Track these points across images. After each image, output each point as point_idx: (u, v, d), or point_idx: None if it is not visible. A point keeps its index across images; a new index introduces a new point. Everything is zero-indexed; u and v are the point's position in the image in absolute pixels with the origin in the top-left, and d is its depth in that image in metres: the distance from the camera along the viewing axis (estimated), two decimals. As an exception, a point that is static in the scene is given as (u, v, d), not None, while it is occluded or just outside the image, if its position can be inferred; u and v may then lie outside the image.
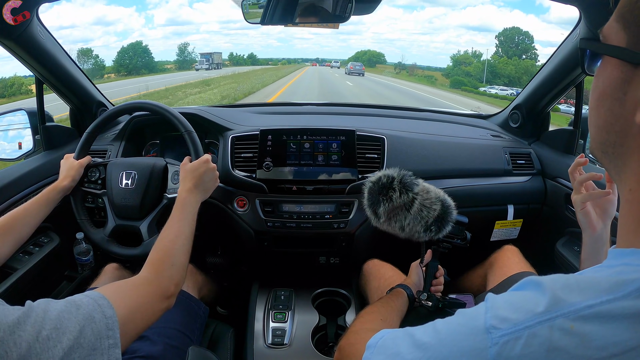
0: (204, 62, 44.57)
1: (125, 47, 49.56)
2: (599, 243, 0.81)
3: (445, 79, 43.13)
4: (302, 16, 1.05)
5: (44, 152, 1.37)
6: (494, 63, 36.01)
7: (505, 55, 38.34)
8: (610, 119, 0.41)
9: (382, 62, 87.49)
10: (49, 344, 0.47)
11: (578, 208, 0.82)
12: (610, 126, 0.41)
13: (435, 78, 43.93)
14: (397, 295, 0.91)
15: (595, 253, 0.82)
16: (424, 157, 1.34)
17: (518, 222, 1.39)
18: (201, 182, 0.98)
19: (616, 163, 0.42)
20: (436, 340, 0.40)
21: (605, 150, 0.42)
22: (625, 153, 0.40)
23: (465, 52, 47.66)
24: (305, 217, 1.25)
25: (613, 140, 0.41)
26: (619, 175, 0.42)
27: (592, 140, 0.45)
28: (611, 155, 0.42)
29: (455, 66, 45.84)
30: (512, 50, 38.03)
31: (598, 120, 0.43)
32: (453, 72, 43.72)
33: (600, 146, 0.43)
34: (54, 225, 1.32)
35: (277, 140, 1.26)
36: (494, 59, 39.61)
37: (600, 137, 0.42)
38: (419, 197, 0.87)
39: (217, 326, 1.14)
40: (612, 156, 0.42)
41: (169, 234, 0.83)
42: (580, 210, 0.82)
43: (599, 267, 0.39)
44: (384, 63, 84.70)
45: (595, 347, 0.32)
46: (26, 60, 1.18)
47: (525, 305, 0.36)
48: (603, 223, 0.81)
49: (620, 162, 0.41)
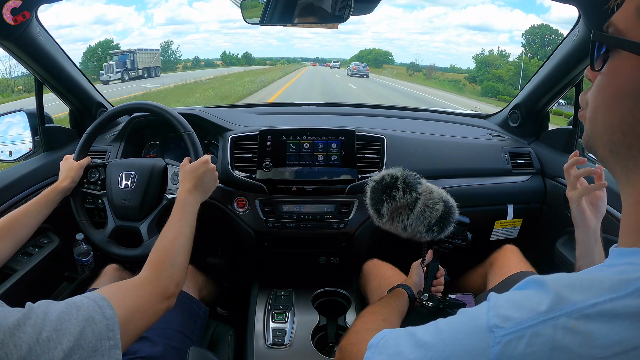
0: (114, 67, 22.89)
1: (93, 47, 36.34)
2: (592, 240, 0.84)
3: (470, 83, 35.84)
4: (301, 16, 1.05)
5: (44, 153, 1.37)
6: (525, 66, 32.58)
7: (536, 56, 33.19)
8: (629, 120, 0.38)
9: (390, 61, 76.38)
10: (50, 346, 0.47)
11: (574, 204, 0.85)
12: (629, 127, 0.38)
13: (463, 83, 36.48)
14: (398, 295, 0.91)
15: (589, 250, 0.84)
16: (423, 157, 1.34)
17: (518, 222, 1.39)
18: (201, 182, 0.98)
19: (626, 164, 0.40)
20: (438, 339, 0.40)
21: (616, 150, 0.41)
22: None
23: (490, 52, 40.99)
24: (305, 218, 1.25)
25: (629, 142, 0.39)
26: (626, 175, 0.41)
27: (597, 137, 0.43)
28: (622, 155, 0.40)
29: (480, 68, 39.04)
30: (542, 50, 33.07)
31: (611, 120, 0.40)
32: (480, 76, 37.28)
33: (608, 145, 0.41)
34: (54, 226, 1.32)
35: (276, 141, 1.26)
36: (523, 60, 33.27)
37: (612, 137, 0.40)
38: (422, 198, 0.87)
39: (217, 327, 1.14)
40: (623, 156, 0.40)
41: (168, 235, 0.83)
42: (577, 207, 0.84)
43: (602, 266, 0.39)
44: (391, 63, 74.19)
45: (599, 346, 0.32)
46: (25, 61, 1.18)
47: (528, 304, 0.36)
48: (596, 220, 0.84)
49: (632, 163, 0.39)
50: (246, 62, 75.27)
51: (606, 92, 0.41)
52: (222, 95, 14.77)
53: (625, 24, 0.39)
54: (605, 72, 0.41)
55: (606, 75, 0.41)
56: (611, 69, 0.41)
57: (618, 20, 0.40)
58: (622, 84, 0.39)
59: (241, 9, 1.10)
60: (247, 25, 1.12)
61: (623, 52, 0.39)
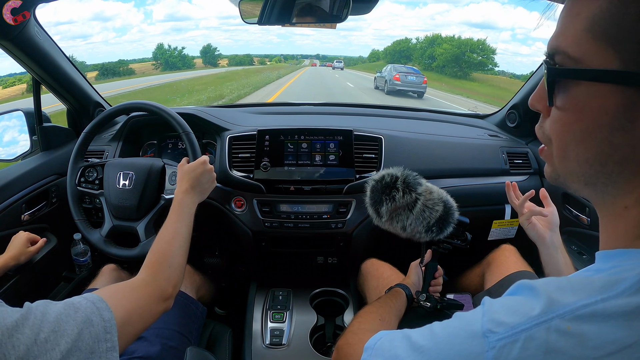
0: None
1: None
2: (552, 248, 0.93)
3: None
4: (299, 16, 1.05)
5: (41, 152, 1.37)
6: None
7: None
8: (607, 151, 0.36)
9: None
10: (47, 347, 0.47)
11: (526, 225, 0.97)
12: (608, 157, 0.36)
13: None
14: (396, 295, 0.91)
15: (552, 257, 0.93)
16: (421, 156, 1.34)
17: (515, 222, 1.40)
18: (198, 183, 0.97)
19: (603, 190, 0.38)
20: (433, 343, 0.40)
21: (593, 182, 0.38)
22: (621, 181, 0.37)
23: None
24: (303, 217, 1.25)
25: (609, 170, 0.37)
26: (602, 199, 0.39)
27: (569, 175, 0.40)
28: (600, 184, 0.38)
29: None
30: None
31: (586, 154, 0.37)
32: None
33: (583, 179, 0.39)
34: (51, 226, 1.32)
35: (274, 141, 1.26)
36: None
37: (588, 170, 0.38)
38: (422, 198, 0.87)
39: (215, 327, 1.14)
40: (601, 185, 0.38)
41: (165, 236, 0.83)
42: (528, 224, 0.96)
43: (589, 269, 0.39)
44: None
45: (593, 347, 0.32)
46: (23, 60, 1.18)
47: (520, 309, 0.36)
48: (551, 231, 0.95)
49: (611, 188, 0.38)
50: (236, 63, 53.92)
51: (575, 128, 0.37)
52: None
53: (581, 51, 0.35)
54: (568, 107, 0.37)
55: (571, 112, 0.37)
56: (576, 105, 0.37)
57: (567, 45, 0.37)
58: (594, 117, 0.36)
59: (239, 9, 1.10)
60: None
61: (583, 82, 0.36)
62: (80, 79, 1.42)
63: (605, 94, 0.34)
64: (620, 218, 0.39)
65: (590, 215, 1.18)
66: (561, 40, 0.37)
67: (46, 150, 1.38)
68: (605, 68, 0.34)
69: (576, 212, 1.24)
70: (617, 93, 0.34)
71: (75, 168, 1.17)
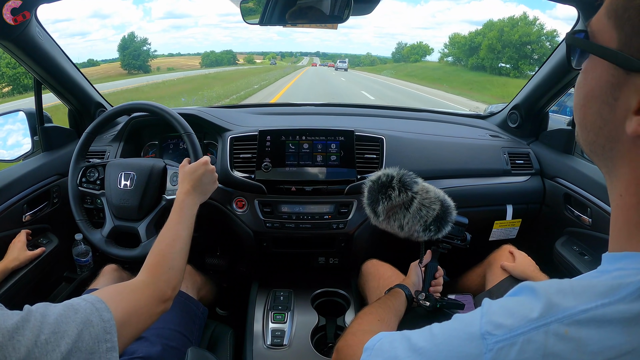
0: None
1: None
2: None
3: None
4: (300, 17, 1.05)
5: (43, 153, 1.37)
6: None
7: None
8: (598, 122, 0.39)
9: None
10: (48, 348, 0.47)
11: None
12: (599, 129, 0.39)
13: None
14: (395, 295, 0.91)
15: None
16: (422, 157, 1.34)
17: (517, 222, 1.39)
18: (200, 184, 0.97)
19: (606, 164, 0.41)
20: (432, 345, 0.40)
21: (594, 150, 0.41)
22: (615, 157, 0.39)
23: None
24: (304, 218, 1.25)
25: (602, 143, 0.39)
26: (609, 176, 0.41)
27: (579, 138, 0.44)
28: (600, 156, 0.41)
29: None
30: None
31: (584, 121, 0.41)
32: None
33: (588, 145, 0.42)
34: (53, 226, 1.32)
35: (275, 141, 1.26)
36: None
37: (588, 138, 0.41)
38: (418, 197, 0.87)
39: (216, 327, 1.14)
40: (602, 157, 0.41)
41: (166, 237, 0.82)
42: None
43: (595, 272, 0.39)
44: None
45: (591, 352, 0.32)
46: (24, 60, 1.18)
47: (520, 311, 0.36)
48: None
49: (611, 164, 0.40)
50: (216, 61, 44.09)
51: (581, 91, 0.41)
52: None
53: (598, 26, 0.39)
54: (582, 71, 0.42)
55: (581, 75, 0.42)
56: (585, 70, 0.41)
57: (593, 22, 0.40)
58: (592, 86, 0.39)
59: (240, 9, 1.10)
60: (247, 20, 1.09)
61: (590, 54, 0.40)
62: (82, 79, 1.42)
63: (603, 68, 0.38)
64: (618, 209, 0.40)
65: (591, 216, 1.17)
66: (594, 17, 0.41)
67: (47, 150, 1.38)
68: (606, 45, 0.37)
69: (578, 213, 1.24)
70: (610, 70, 0.37)
71: (77, 168, 1.17)
